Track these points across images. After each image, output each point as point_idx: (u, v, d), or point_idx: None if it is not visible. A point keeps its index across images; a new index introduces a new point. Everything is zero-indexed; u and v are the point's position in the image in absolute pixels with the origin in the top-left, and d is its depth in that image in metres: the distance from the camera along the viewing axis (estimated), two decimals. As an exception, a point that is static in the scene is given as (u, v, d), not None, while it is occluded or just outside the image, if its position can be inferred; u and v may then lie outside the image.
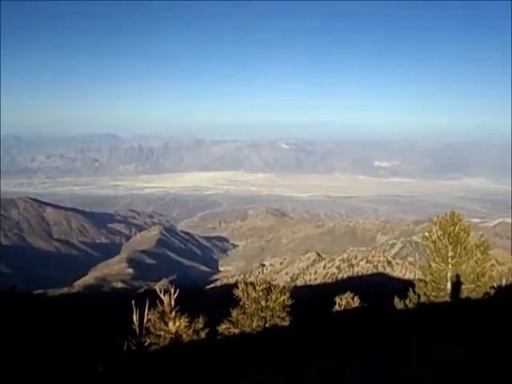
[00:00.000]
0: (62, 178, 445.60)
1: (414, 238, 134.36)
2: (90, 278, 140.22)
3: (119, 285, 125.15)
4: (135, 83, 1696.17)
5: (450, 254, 11.91)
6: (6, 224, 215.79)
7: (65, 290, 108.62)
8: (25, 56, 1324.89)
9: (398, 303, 12.79)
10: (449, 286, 11.94)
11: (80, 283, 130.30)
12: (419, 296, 12.33)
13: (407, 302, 12.56)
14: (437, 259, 12.12)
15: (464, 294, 11.82)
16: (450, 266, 11.97)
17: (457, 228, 11.81)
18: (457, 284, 11.81)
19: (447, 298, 11.73)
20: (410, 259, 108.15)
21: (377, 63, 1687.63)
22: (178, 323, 9.67)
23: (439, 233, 12.06)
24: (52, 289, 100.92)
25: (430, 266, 12.46)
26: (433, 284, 12.10)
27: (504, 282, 17.32)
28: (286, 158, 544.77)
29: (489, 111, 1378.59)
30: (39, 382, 7.32)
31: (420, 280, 12.72)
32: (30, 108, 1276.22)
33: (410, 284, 13.75)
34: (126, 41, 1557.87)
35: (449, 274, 11.97)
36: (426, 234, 12.60)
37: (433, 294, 11.98)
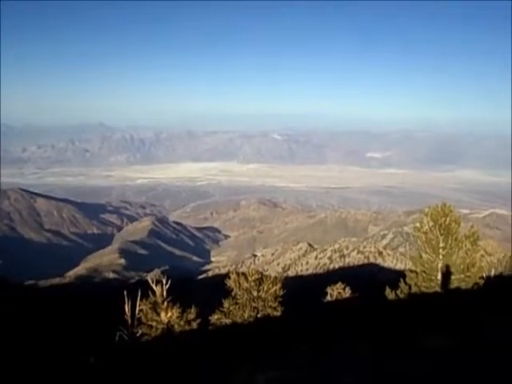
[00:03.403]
0: (53, 169, 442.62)
1: (406, 228, 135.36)
2: (81, 269, 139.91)
3: (111, 275, 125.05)
4: (127, 73, 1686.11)
5: (441, 244, 11.98)
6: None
7: (56, 280, 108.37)
8: (17, 46, 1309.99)
9: (390, 294, 12.87)
10: (439, 276, 12.03)
11: (72, 274, 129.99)
12: (410, 286, 12.41)
13: (398, 292, 12.65)
14: (428, 250, 12.18)
15: (454, 284, 11.93)
16: (440, 257, 12.04)
17: (448, 219, 11.87)
18: (447, 274, 11.91)
19: (438, 289, 11.83)
20: (401, 250, 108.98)
21: (373, 56, 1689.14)
22: (169, 314, 9.68)
23: (430, 224, 12.10)
24: (43, 279, 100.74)
25: (420, 256, 12.53)
26: (424, 275, 12.18)
27: (493, 273, 17.51)
28: (278, 148, 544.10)
29: (483, 104, 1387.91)
30: (31, 372, 7.31)
31: (411, 271, 12.79)
32: (21, 98, 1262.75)
33: (401, 274, 13.82)
34: (119, 32, 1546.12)
35: (439, 265, 12.05)
36: (418, 224, 12.65)
37: (423, 284, 12.06)
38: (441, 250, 12.02)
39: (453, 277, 11.87)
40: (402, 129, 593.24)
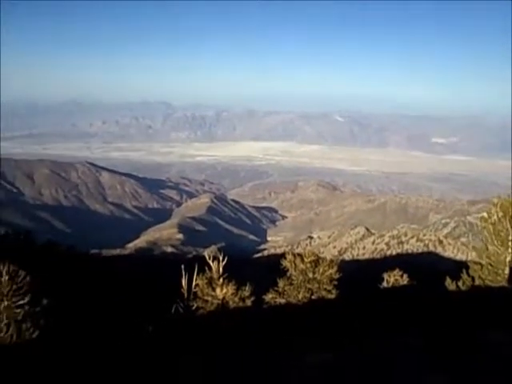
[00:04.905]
0: (117, 144, 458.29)
1: (469, 218, 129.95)
2: (141, 241, 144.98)
3: (169, 249, 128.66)
4: (191, 53, 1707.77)
5: (511, 237, 11.32)
6: (67, 186, 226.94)
7: (117, 251, 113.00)
8: (87, 25, 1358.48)
9: (450, 284, 12.37)
10: (507, 270, 11.39)
11: (132, 246, 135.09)
12: (473, 279, 11.85)
13: (460, 284, 12.13)
14: (495, 242, 11.50)
15: (524, 280, 11.26)
16: (509, 250, 11.38)
17: (520, 211, 11.15)
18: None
19: (504, 283, 11.21)
20: (463, 240, 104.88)
21: (439, 41, 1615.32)
22: (225, 290, 9.80)
23: (500, 214, 11.41)
24: (106, 249, 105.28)
25: (487, 248, 11.88)
26: (489, 267, 11.55)
27: None
28: (339, 130, 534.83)
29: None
30: (93, 337, 7.64)
31: (475, 262, 12.19)
32: (88, 76, 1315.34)
33: (461, 265, 13.27)
34: (184, 12, 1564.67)
35: (508, 259, 11.41)
36: (485, 215, 11.99)
37: (489, 277, 11.45)
38: (510, 243, 11.34)
39: (523, 272, 11.20)
40: (468, 114, 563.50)
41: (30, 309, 7.25)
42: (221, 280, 9.89)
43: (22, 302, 7.22)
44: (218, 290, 9.80)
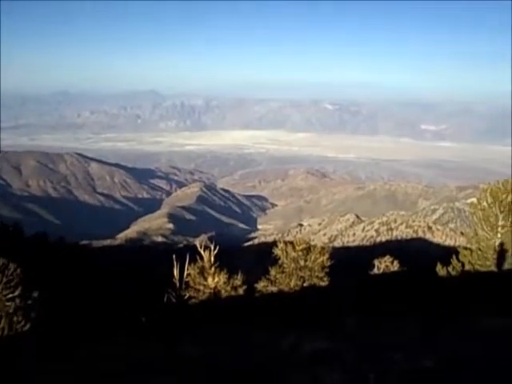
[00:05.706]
0: (106, 134, 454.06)
1: (457, 204, 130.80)
2: (131, 232, 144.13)
3: (159, 239, 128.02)
4: (178, 42, 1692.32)
5: (501, 222, 11.39)
6: (55, 177, 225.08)
7: (108, 242, 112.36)
8: (73, 15, 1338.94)
9: (441, 270, 12.48)
10: (496, 255, 11.51)
11: (122, 236, 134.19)
12: (463, 264, 11.97)
13: (450, 269, 12.24)
14: (485, 227, 11.61)
15: (512, 265, 11.38)
16: (498, 235, 11.50)
17: (510, 196, 11.23)
18: (505, 254, 11.36)
19: (493, 268, 11.34)
20: (451, 226, 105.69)
21: (429, 27, 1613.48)
22: (217, 279, 9.81)
23: (489, 200, 11.49)
24: (96, 240, 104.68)
25: (476, 233, 12.00)
26: (479, 253, 11.67)
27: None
28: (329, 118, 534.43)
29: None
30: (85, 329, 7.61)
31: (465, 248, 12.31)
32: (76, 65, 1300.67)
33: (450, 251, 13.36)
34: (170, 2, 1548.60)
35: (497, 244, 11.53)
36: (474, 200, 12.07)
37: (478, 262, 11.58)
38: (499, 229, 11.45)
39: (512, 257, 11.31)
40: (459, 101, 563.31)
41: (20, 302, 7.20)
42: (212, 269, 9.89)
43: (12, 295, 7.17)
44: (209, 279, 9.81)
